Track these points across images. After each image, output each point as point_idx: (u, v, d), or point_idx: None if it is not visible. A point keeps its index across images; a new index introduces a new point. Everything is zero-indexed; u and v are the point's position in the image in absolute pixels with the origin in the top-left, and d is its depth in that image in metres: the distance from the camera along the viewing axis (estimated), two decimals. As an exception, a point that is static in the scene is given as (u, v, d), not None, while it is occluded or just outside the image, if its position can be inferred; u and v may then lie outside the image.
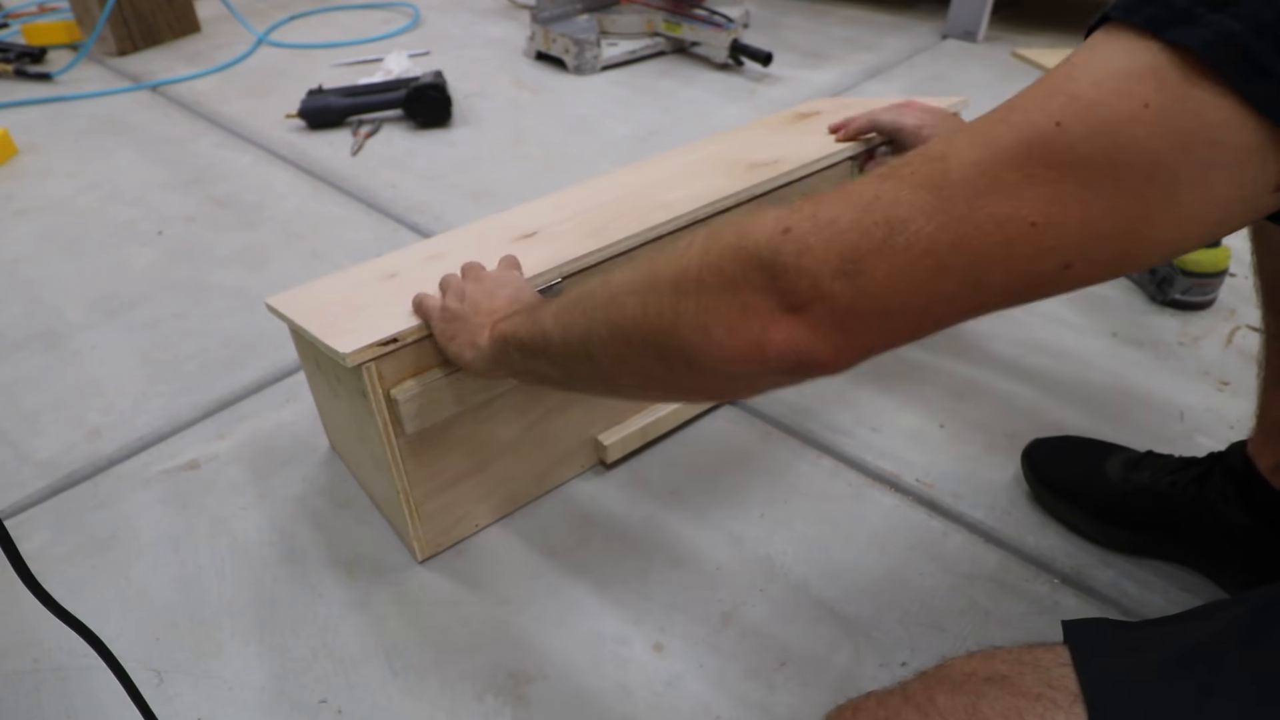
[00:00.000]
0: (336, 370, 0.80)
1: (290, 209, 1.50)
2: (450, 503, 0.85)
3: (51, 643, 0.79)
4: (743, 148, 1.08)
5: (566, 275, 0.80)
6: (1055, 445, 0.92)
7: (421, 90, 1.75)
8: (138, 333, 1.20)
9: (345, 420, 0.87)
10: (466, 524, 0.88)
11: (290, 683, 0.76)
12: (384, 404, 0.74)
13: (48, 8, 2.43)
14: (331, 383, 0.85)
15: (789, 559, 0.85)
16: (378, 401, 0.73)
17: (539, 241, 0.86)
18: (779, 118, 1.24)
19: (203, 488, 0.96)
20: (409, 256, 0.92)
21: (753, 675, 0.75)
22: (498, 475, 0.87)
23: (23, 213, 1.51)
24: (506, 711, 0.73)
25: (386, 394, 0.74)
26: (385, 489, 0.84)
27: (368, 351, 0.70)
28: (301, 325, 0.78)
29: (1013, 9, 2.31)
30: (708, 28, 2.01)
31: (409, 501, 0.81)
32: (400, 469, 0.79)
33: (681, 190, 0.93)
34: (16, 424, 1.05)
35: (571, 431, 0.92)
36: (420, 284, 0.81)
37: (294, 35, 2.32)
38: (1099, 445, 0.90)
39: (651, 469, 0.96)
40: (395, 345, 0.72)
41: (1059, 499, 0.88)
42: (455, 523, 0.87)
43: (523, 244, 0.87)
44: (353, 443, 0.89)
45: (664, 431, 0.99)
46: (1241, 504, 0.76)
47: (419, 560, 0.86)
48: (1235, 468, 0.77)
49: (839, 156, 0.99)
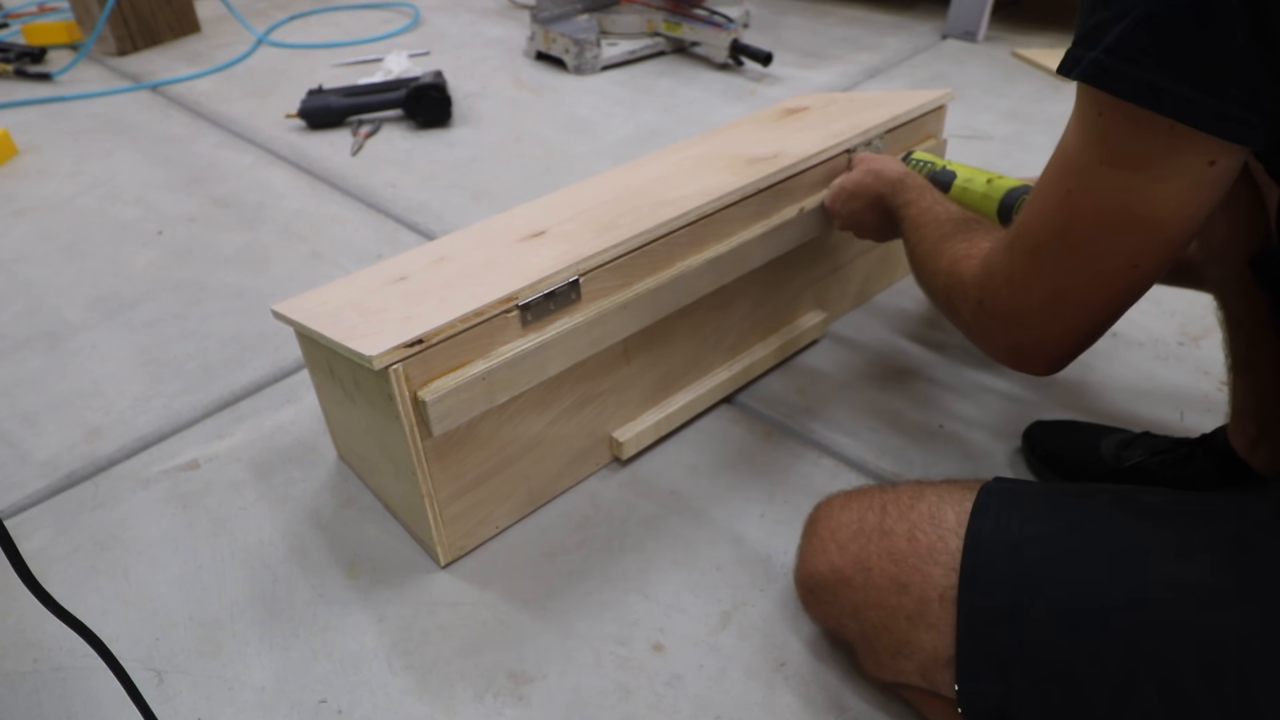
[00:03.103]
0: (356, 375, 0.79)
1: (290, 209, 1.50)
2: (473, 505, 0.85)
3: (51, 643, 0.79)
4: (739, 144, 1.08)
5: (583, 273, 0.80)
6: (1054, 425, 0.95)
7: (421, 90, 1.75)
8: (138, 333, 1.20)
9: (362, 426, 0.86)
10: (488, 526, 0.88)
11: (290, 683, 0.76)
12: (410, 406, 0.74)
13: (48, 8, 2.43)
14: (348, 389, 0.84)
15: (789, 559, 0.85)
16: (404, 404, 0.73)
17: (548, 241, 0.86)
18: (768, 113, 1.24)
19: (203, 488, 0.96)
20: (416, 259, 0.92)
21: (753, 675, 0.75)
22: (519, 475, 0.87)
23: (23, 213, 1.51)
24: (506, 711, 0.73)
25: (413, 396, 0.73)
26: (407, 494, 0.84)
27: (394, 353, 0.70)
28: (318, 330, 0.78)
29: (1013, 9, 2.31)
30: (708, 28, 2.01)
31: (433, 505, 0.81)
32: (425, 472, 0.78)
33: (684, 187, 0.93)
34: (16, 424, 1.05)
35: (588, 429, 0.92)
36: (432, 287, 0.81)
37: (294, 35, 2.32)
38: (1097, 427, 0.94)
39: (652, 469, 0.96)
40: (421, 347, 0.71)
41: (1053, 475, 0.91)
42: (477, 525, 0.87)
43: (532, 243, 0.86)
44: (370, 449, 0.88)
45: (677, 426, 1.00)
46: (1222, 480, 0.81)
47: (441, 565, 0.85)
48: (1217, 446, 0.82)
49: (835, 150, 1.00)
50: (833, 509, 0.70)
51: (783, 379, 1.09)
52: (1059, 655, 0.55)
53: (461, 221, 1.45)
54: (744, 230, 0.93)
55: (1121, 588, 0.54)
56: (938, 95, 1.12)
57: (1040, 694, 0.55)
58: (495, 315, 0.76)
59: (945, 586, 0.60)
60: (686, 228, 0.87)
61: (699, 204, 0.88)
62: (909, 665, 0.63)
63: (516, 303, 0.76)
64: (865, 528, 0.66)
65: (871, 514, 0.67)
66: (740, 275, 0.95)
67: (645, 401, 0.97)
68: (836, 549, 0.67)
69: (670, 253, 0.87)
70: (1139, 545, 0.56)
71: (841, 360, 1.12)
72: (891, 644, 0.64)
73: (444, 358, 0.74)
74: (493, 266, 0.84)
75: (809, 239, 1.01)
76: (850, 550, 0.66)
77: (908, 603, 0.61)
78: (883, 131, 1.05)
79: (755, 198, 0.93)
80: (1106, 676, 0.52)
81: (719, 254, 0.90)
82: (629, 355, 0.91)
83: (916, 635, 0.61)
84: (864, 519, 0.67)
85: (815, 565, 0.69)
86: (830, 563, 0.67)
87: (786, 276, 1.05)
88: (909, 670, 0.63)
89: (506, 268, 0.82)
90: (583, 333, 0.82)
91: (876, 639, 0.65)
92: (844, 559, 0.66)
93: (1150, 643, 0.52)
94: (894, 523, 0.65)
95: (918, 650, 0.62)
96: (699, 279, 0.90)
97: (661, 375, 0.97)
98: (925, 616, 0.61)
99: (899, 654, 0.63)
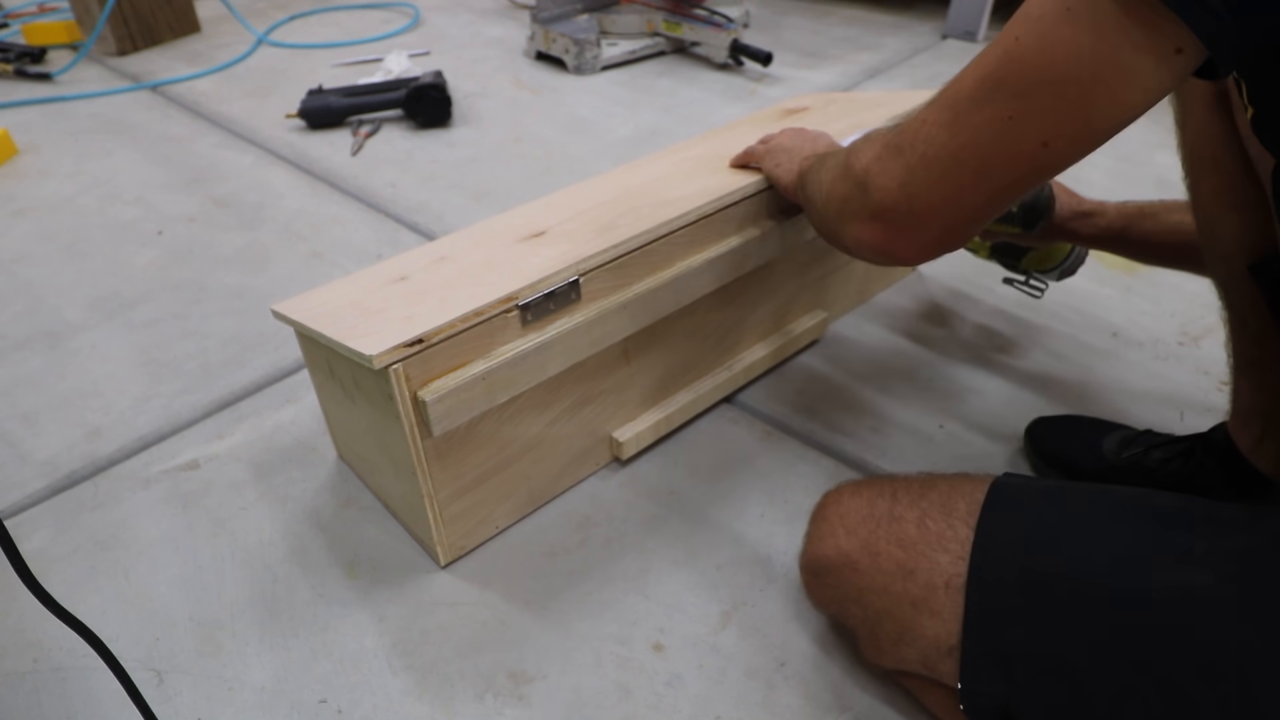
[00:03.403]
0: (356, 375, 0.79)
1: (290, 209, 1.51)
2: (473, 505, 0.85)
3: (51, 643, 0.79)
4: (739, 144, 1.08)
5: (583, 273, 0.80)
6: (1057, 422, 0.96)
7: (421, 90, 1.75)
8: (138, 333, 1.20)
9: (362, 426, 0.86)
10: (488, 526, 0.88)
11: (290, 683, 0.76)
12: (410, 406, 0.74)
13: (48, 8, 2.43)
14: (348, 389, 0.84)
15: (789, 559, 0.85)
16: (404, 404, 0.73)
17: (549, 240, 0.86)
18: (768, 113, 1.24)
19: (203, 488, 0.96)
20: (416, 259, 0.92)
21: (753, 675, 0.75)
22: (519, 475, 0.87)
23: (23, 213, 1.51)
24: (506, 711, 0.73)
25: (413, 396, 0.73)
26: (407, 494, 0.83)
27: (394, 353, 0.70)
28: (318, 330, 0.78)
29: (1012, 9, 2.31)
30: (708, 28, 2.01)
31: (433, 505, 0.81)
32: (425, 472, 0.78)
33: (684, 187, 0.93)
34: (16, 424, 1.05)
35: (588, 429, 0.92)
36: (432, 287, 0.81)
37: (294, 35, 2.32)
38: (1100, 423, 0.94)
39: (651, 469, 0.96)
40: (421, 346, 0.71)
41: (1055, 472, 0.91)
42: (477, 525, 0.87)
43: (533, 243, 0.86)
44: (370, 449, 0.88)
45: (676, 426, 1.00)
46: (1225, 478, 0.81)
47: (441, 565, 0.86)
48: (1217, 443, 0.82)
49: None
50: (843, 495, 0.71)
51: (783, 379, 1.09)
52: (1062, 652, 0.55)
53: (461, 221, 1.45)
54: (744, 230, 0.93)
55: (1126, 588, 0.54)
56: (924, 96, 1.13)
57: (1042, 691, 0.56)
58: (495, 315, 0.75)
59: (952, 574, 0.60)
60: (686, 228, 0.87)
61: (699, 204, 0.88)
62: (911, 653, 0.63)
63: (516, 302, 0.76)
64: (875, 513, 0.67)
65: (882, 500, 0.67)
66: (740, 275, 0.95)
67: (645, 401, 0.97)
68: (845, 533, 0.68)
69: (670, 253, 0.87)
70: (1146, 547, 0.56)
71: (841, 360, 1.12)
72: (894, 630, 0.64)
73: (444, 357, 0.74)
74: (493, 266, 0.84)
75: (808, 240, 1.01)
76: (859, 534, 0.66)
77: (913, 588, 0.62)
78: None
79: (755, 198, 0.92)
80: (1108, 675, 0.53)
81: (719, 254, 0.90)
82: (629, 355, 0.91)
83: (920, 622, 0.62)
84: (874, 505, 0.67)
85: (822, 548, 0.69)
86: (838, 546, 0.68)
87: (786, 276, 1.05)
88: (910, 658, 0.64)
89: (506, 268, 0.82)
90: (583, 333, 0.82)
91: (879, 625, 0.65)
92: (852, 543, 0.67)
93: (1152, 643, 0.52)
94: (904, 509, 0.65)
95: (920, 637, 0.62)
96: (699, 279, 0.90)
97: (661, 375, 0.97)
98: (930, 603, 0.61)
99: (901, 641, 0.64)
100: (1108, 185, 1.48)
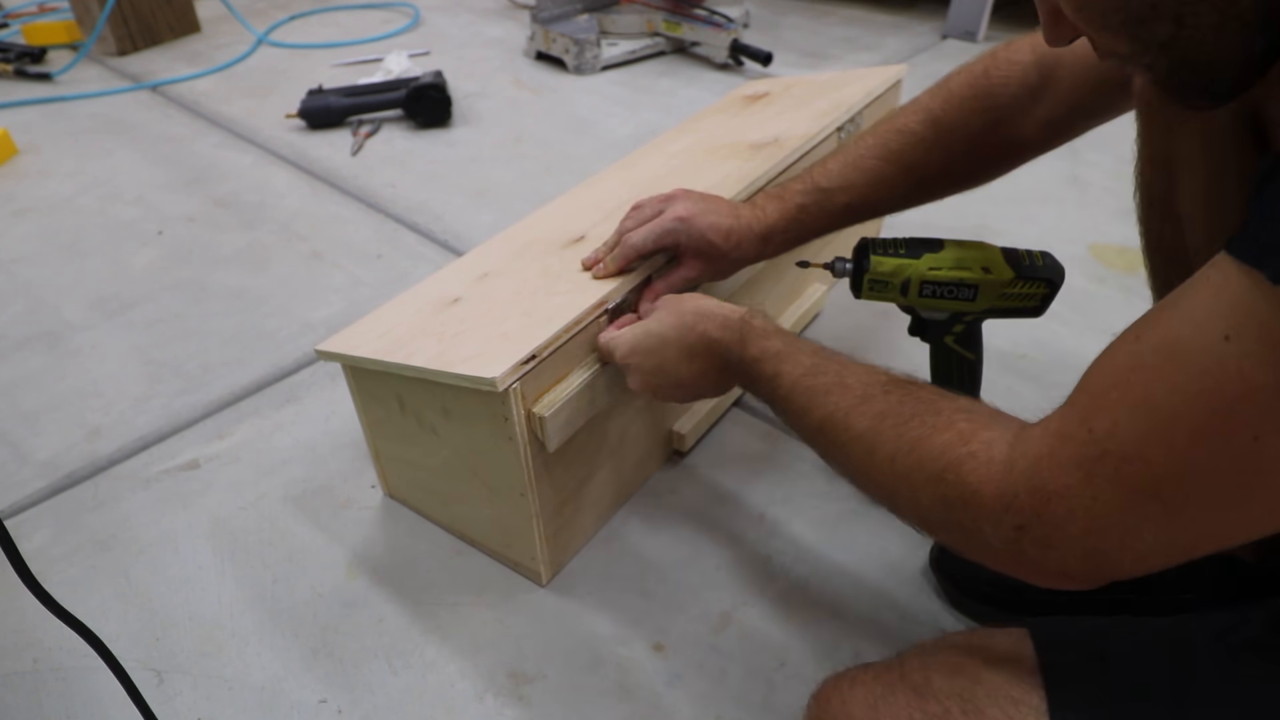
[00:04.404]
0: (446, 403, 0.76)
1: (290, 209, 1.51)
2: (571, 517, 0.84)
3: (51, 643, 0.79)
4: (726, 132, 1.09)
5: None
6: None
7: (421, 90, 1.75)
8: (138, 333, 1.20)
9: (440, 457, 0.82)
10: (579, 538, 0.87)
11: (290, 683, 0.76)
12: (524, 424, 0.72)
13: (48, 8, 2.43)
14: (427, 420, 0.79)
15: (789, 559, 0.85)
16: (519, 423, 0.71)
17: (594, 245, 0.84)
18: (729, 101, 1.25)
19: (203, 488, 0.96)
20: (457, 278, 0.88)
21: (753, 675, 0.75)
22: (602, 482, 0.87)
23: (23, 213, 1.51)
24: (506, 711, 0.73)
25: (528, 413, 0.71)
26: (503, 517, 0.81)
27: (514, 372, 0.68)
28: (401, 363, 0.74)
29: (1013, 9, 2.31)
30: (708, 28, 2.01)
31: (539, 523, 0.79)
32: (533, 490, 0.76)
33: (707, 178, 0.93)
34: (16, 424, 1.05)
35: (651, 428, 0.92)
36: (500, 303, 0.80)
37: (294, 35, 2.32)
38: None
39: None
40: (535, 362, 0.70)
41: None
42: (571, 539, 0.85)
43: (578, 248, 0.85)
44: (448, 480, 0.84)
45: (722, 414, 1.02)
46: None
47: (544, 584, 0.83)
48: None
49: (830, 129, 1.03)
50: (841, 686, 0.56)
51: (783, 379, 1.09)
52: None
53: (461, 221, 1.45)
54: None
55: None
56: (894, 71, 1.16)
57: None
58: (591, 322, 0.75)
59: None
60: None
61: (733, 193, 0.88)
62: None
63: (606, 306, 0.77)
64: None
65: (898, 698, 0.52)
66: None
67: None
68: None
69: None
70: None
71: (841, 360, 1.12)
72: None
73: (550, 372, 0.73)
74: (555, 275, 0.82)
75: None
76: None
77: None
78: (861, 107, 1.07)
79: (774, 181, 0.93)
80: None
81: None
82: None
83: None
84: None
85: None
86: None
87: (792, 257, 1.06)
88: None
89: (571, 276, 0.81)
90: None
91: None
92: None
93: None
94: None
95: None
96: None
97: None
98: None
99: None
100: (1108, 185, 1.49)
